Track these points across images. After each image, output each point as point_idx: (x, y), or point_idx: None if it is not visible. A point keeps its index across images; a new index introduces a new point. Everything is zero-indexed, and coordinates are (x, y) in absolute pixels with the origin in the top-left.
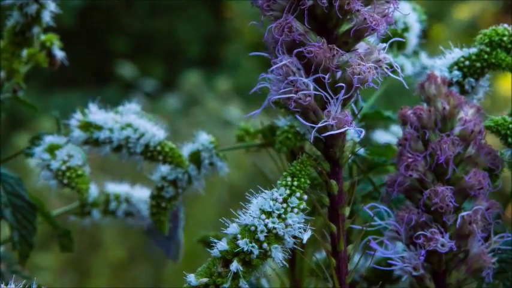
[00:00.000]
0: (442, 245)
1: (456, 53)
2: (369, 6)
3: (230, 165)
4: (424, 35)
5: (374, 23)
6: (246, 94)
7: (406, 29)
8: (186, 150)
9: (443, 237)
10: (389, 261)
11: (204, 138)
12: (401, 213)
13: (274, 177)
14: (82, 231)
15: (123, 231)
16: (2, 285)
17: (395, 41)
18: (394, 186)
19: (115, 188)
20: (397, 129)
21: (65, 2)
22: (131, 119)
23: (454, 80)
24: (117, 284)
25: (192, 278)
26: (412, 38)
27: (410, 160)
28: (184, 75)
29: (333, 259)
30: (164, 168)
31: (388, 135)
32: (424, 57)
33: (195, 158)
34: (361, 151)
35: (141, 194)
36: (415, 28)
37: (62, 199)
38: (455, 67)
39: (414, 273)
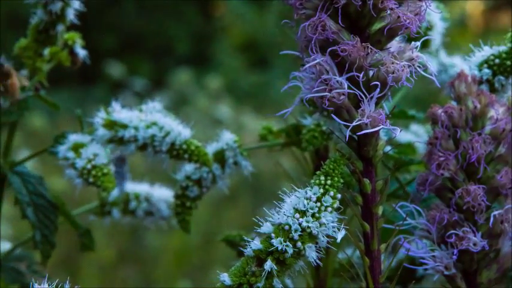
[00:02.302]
0: (475, 244)
1: (486, 51)
2: (402, 5)
3: None
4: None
5: (408, 21)
6: (236, 92)
7: (429, 27)
8: (210, 149)
9: (475, 236)
10: (421, 260)
11: (228, 137)
12: (432, 213)
13: (296, 176)
14: (70, 231)
15: (112, 232)
16: (36, 285)
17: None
18: (425, 185)
19: (135, 187)
20: (416, 128)
21: None
22: (156, 117)
23: (484, 78)
24: (106, 284)
25: (225, 277)
26: (436, 37)
27: (441, 159)
28: (174, 74)
29: (367, 258)
30: (189, 168)
31: (408, 134)
32: (443, 55)
33: (220, 157)
34: (389, 150)
35: (160, 193)
36: (439, 27)
37: None
38: (485, 65)
39: (446, 273)
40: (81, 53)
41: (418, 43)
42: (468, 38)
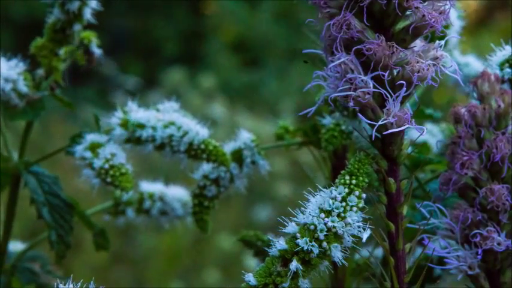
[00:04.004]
0: (499, 244)
1: (507, 50)
2: (426, 3)
3: None
4: None
5: (433, 20)
6: (228, 91)
7: (447, 26)
8: (227, 148)
9: (499, 235)
10: (446, 260)
11: (245, 136)
12: (456, 212)
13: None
14: None
15: None
16: (61, 285)
17: (436, 38)
18: (448, 184)
19: (149, 186)
20: (430, 127)
21: None
22: (174, 117)
23: (506, 77)
24: (98, 285)
25: (251, 277)
26: (453, 35)
27: (465, 158)
28: (166, 73)
29: (392, 258)
30: (206, 167)
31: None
32: (457, 54)
33: (237, 156)
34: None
35: (175, 192)
36: (456, 25)
37: None
38: (507, 64)
39: (470, 272)
40: (97, 52)
41: (443, 42)
42: (464, 35)
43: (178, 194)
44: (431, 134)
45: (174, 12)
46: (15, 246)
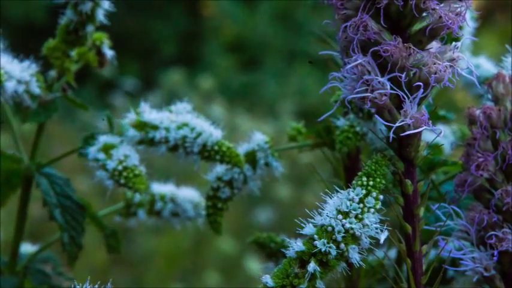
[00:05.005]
0: None
1: None
2: (442, 5)
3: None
4: None
5: (450, 21)
6: (227, 92)
7: (461, 27)
8: (241, 150)
9: None
10: (462, 262)
11: (259, 138)
12: (471, 214)
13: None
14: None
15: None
16: (78, 286)
17: (451, 40)
18: (464, 186)
19: (160, 188)
20: (442, 129)
21: None
22: (187, 118)
23: None
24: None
25: (268, 279)
26: (468, 37)
27: (480, 160)
28: (164, 74)
29: (408, 260)
30: (220, 169)
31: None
32: (468, 55)
33: (251, 158)
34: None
35: (186, 194)
36: (469, 27)
37: None
38: None
39: (485, 274)
40: (109, 53)
41: (459, 43)
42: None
43: (189, 195)
44: (444, 135)
45: (172, 13)
46: (25, 247)
